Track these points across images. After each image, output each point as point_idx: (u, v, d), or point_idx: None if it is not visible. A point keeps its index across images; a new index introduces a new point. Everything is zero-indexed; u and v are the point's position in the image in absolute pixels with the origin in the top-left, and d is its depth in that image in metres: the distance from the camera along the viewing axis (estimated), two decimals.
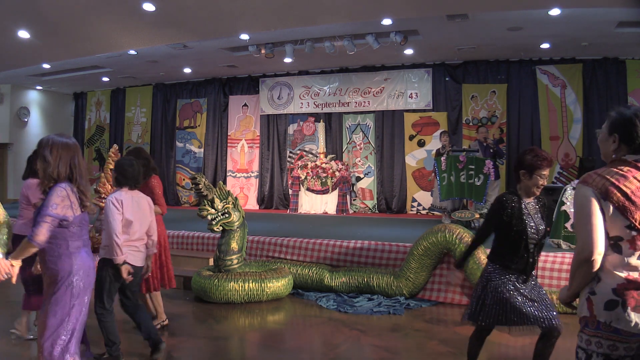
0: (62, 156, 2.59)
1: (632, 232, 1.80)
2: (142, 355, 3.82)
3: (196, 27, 8.22)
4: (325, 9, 7.45)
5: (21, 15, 7.93)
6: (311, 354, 4.12)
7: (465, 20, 7.60)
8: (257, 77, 11.93)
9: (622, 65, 9.35)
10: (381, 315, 4.91)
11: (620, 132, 1.94)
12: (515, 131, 10.01)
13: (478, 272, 4.98)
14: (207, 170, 12.30)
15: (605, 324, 1.86)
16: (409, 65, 10.65)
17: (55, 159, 2.56)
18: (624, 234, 1.82)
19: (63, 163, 2.58)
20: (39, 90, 13.45)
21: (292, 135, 11.66)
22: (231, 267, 5.42)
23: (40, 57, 9.97)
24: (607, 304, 1.84)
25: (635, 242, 1.80)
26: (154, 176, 4.46)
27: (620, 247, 1.84)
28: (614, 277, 1.84)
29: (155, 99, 13.08)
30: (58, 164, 2.57)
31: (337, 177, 10.31)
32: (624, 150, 1.93)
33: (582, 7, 6.96)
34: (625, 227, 1.81)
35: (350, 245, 5.98)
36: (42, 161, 2.59)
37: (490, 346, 4.17)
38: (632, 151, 1.91)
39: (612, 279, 1.84)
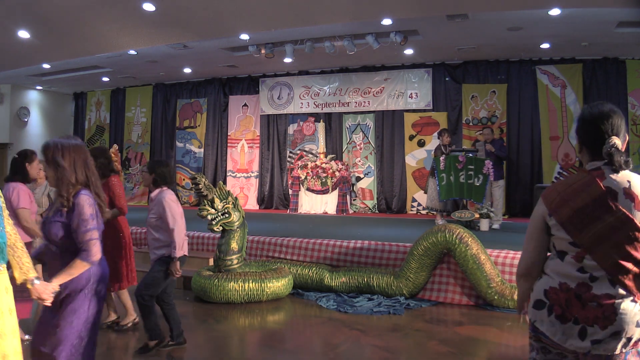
0: (75, 160, 2.37)
1: (576, 249, 1.73)
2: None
3: (196, 27, 8.22)
4: (325, 9, 7.45)
5: (21, 15, 7.93)
6: (311, 354, 4.12)
7: (465, 20, 7.60)
8: (257, 77, 11.93)
9: (622, 65, 9.35)
10: (381, 315, 4.91)
11: (580, 134, 1.82)
12: (515, 131, 10.00)
13: (478, 271, 4.99)
14: (207, 170, 12.30)
15: (533, 324, 1.83)
16: (409, 65, 10.65)
17: (71, 164, 2.35)
18: (569, 249, 1.76)
19: (79, 167, 2.38)
20: (39, 90, 13.45)
21: (292, 135, 11.65)
22: (231, 267, 5.42)
23: (40, 57, 9.97)
24: (536, 302, 1.82)
25: (579, 256, 1.72)
26: (114, 176, 4.47)
27: (564, 256, 1.78)
28: (549, 280, 1.79)
29: (155, 99, 13.08)
30: (75, 169, 2.36)
31: (337, 177, 10.31)
32: (587, 156, 1.80)
33: (582, 7, 6.96)
34: (570, 244, 1.75)
35: (350, 245, 5.98)
36: (55, 168, 2.34)
37: (490, 346, 4.17)
38: (592, 155, 1.77)
39: (547, 281, 1.80)
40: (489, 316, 4.88)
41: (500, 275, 5.09)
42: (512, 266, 5.17)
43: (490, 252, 5.29)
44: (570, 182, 1.76)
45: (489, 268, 5.03)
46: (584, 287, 1.70)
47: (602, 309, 1.66)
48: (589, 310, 1.68)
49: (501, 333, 4.42)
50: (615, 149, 1.68)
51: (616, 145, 1.68)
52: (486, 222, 7.41)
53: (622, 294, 1.66)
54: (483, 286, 5.01)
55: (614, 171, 1.70)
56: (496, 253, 5.32)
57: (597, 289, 1.68)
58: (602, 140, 1.72)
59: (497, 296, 4.96)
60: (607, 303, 1.66)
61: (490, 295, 4.99)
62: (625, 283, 1.65)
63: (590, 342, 1.67)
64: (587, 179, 1.72)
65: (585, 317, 1.68)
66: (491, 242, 5.76)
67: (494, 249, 5.39)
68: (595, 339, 1.67)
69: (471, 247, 5.06)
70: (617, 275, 1.65)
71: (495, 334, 4.40)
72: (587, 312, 1.68)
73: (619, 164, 1.67)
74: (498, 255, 5.28)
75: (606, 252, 1.66)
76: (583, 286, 1.70)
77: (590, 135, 1.75)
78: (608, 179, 1.70)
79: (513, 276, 5.15)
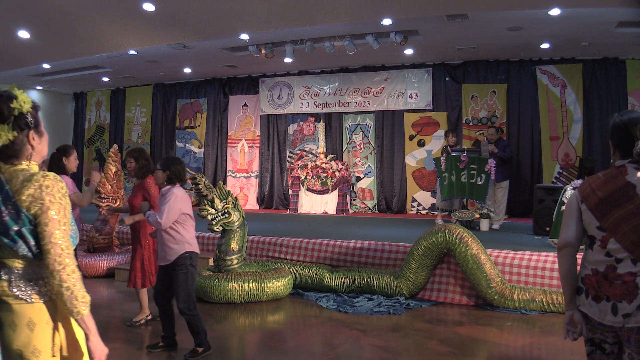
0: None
1: (602, 233, 2.01)
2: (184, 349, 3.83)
3: (196, 27, 8.22)
4: (325, 9, 7.45)
5: (21, 15, 7.93)
6: (311, 354, 4.11)
7: (465, 20, 7.60)
8: (257, 77, 11.93)
9: (622, 65, 9.35)
10: (381, 315, 4.91)
11: (612, 138, 2.09)
12: (515, 131, 10.00)
13: (478, 271, 4.99)
14: (207, 170, 12.30)
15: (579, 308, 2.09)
16: (409, 65, 10.65)
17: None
18: (596, 234, 2.03)
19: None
20: (39, 90, 13.45)
21: (292, 135, 11.66)
22: (231, 267, 5.42)
23: (40, 57, 9.97)
24: (577, 289, 2.10)
25: (604, 241, 2.00)
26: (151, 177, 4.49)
27: (593, 244, 2.05)
28: (584, 269, 2.08)
29: (155, 99, 13.08)
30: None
31: (337, 177, 10.31)
32: (617, 156, 2.06)
33: (582, 7, 6.96)
34: (597, 228, 2.02)
35: (350, 245, 5.98)
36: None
37: (490, 346, 4.17)
38: (623, 156, 2.03)
39: (583, 270, 2.09)
40: (489, 316, 4.88)
41: (500, 275, 5.09)
42: (512, 266, 5.18)
43: (490, 252, 5.29)
44: (601, 175, 2.06)
45: (489, 268, 5.03)
46: (611, 268, 1.97)
47: (626, 285, 1.92)
48: (615, 288, 1.95)
49: (501, 333, 4.42)
50: None
51: None
52: (486, 222, 7.41)
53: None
54: (483, 286, 5.01)
55: (637, 169, 1.97)
56: (496, 253, 5.32)
57: (621, 269, 1.95)
58: (632, 143, 2.00)
59: (497, 296, 4.96)
60: (629, 280, 1.92)
61: (490, 295, 4.99)
62: None
63: (622, 316, 1.92)
64: (614, 173, 2.01)
65: (614, 294, 1.95)
66: (491, 242, 5.77)
67: (494, 249, 5.39)
68: (626, 313, 1.91)
69: (471, 247, 5.06)
70: (637, 253, 1.91)
71: (495, 334, 4.40)
72: (614, 290, 1.95)
73: None
74: (498, 255, 5.28)
75: (626, 233, 1.93)
76: (610, 268, 1.97)
77: (621, 139, 2.03)
78: (631, 174, 1.97)
79: (513, 276, 5.16)
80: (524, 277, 5.10)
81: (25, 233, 1.64)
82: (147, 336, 4.37)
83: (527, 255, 5.21)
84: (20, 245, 1.63)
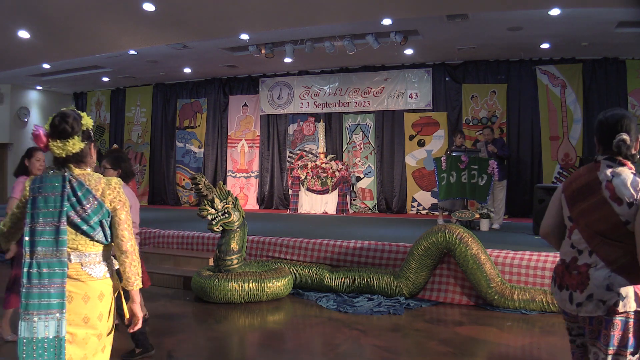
0: None
1: (571, 223, 2.13)
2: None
3: (196, 27, 8.22)
4: (325, 9, 7.45)
5: (21, 15, 7.94)
6: (311, 354, 4.11)
7: (465, 20, 7.60)
8: (257, 77, 11.93)
9: (622, 65, 9.35)
10: (381, 315, 4.91)
11: (597, 134, 2.17)
12: (515, 131, 10.00)
13: (478, 272, 4.99)
14: (207, 170, 12.30)
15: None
16: (409, 65, 10.65)
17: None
18: (567, 224, 2.17)
19: None
20: (39, 90, 13.45)
21: (292, 135, 11.66)
22: (231, 267, 5.42)
23: (40, 57, 9.98)
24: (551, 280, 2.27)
25: (570, 232, 2.13)
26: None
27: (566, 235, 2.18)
28: (559, 259, 2.22)
29: (155, 99, 13.08)
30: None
31: (337, 177, 10.31)
32: (600, 151, 2.14)
33: (582, 7, 6.96)
34: (568, 218, 2.16)
35: (350, 245, 5.98)
36: None
37: (490, 346, 4.17)
38: (604, 151, 2.10)
39: (558, 260, 2.23)
40: (489, 316, 4.88)
41: (500, 275, 5.09)
42: (512, 266, 5.18)
43: (490, 252, 5.29)
44: (583, 168, 2.17)
45: (489, 268, 5.03)
46: (573, 259, 2.08)
47: (581, 275, 2.03)
48: (573, 278, 2.06)
49: (501, 333, 4.42)
50: (622, 142, 2.01)
51: (623, 139, 2.00)
52: (486, 222, 7.41)
53: (596, 262, 1.99)
54: (483, 286, 5.01)
55: (609, 166, 2.03)
56: (496, 253, 5.32)
57: (580, 260, 2.05)
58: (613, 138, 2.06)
59: (497, 296, 4.96)
60: (583, 270, 2.02)
61: (490, 295, 4.99)
62: (598, 252, 1.99)
63: (576, 305, 2.03)
64: (591, 167, 2.10)
65: (571, 284, 2.06)
66: (491, 242, 5.77)
67: (494, 249, 5.39)
68: (578, 302, 2.02)
69: (471, 247, 5.06)
70: (592, 245, 2.00)
71: (495, 334, 4.40)
72: (572, 279, 2.06)
73: (625, 154, 2.02)
74: (498, 255, 5.28)
75: (586, 224, 2.04)
76: (573, 259, 2.09)
77: (604, 134, 2.08)
78: (601, 170, 2.04)
79: (513, 276, 5.16)
80: (524, 277, 5.10)
81: (104, 223, 2.13)
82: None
83: (527, 255, 5.21)
84: (98, 233, 2.12)
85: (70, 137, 2.10)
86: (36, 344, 1.94)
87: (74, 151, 2.11)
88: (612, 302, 1.92)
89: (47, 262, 2.01)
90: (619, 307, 1.91)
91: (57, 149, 2.10)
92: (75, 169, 2.14)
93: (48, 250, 2.01)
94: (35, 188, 2.09)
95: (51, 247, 2.02)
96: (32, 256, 2.01)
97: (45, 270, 2.00)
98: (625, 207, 1.92)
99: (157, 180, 12.99)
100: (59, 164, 2.14)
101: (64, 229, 2.03)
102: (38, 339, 1.94)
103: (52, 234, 2.02)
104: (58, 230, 2.02)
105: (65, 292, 2.01)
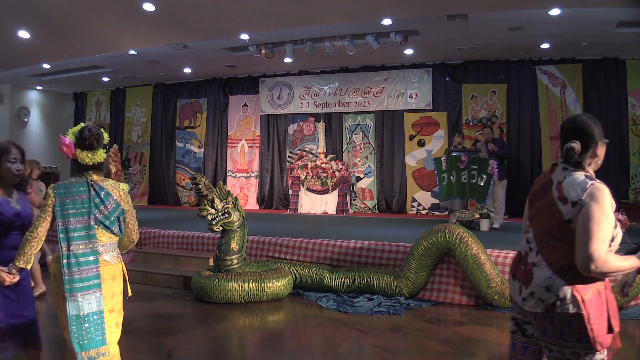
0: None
1: (528, 222, 2.23)
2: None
3: (196, 27, 8.22)
4: (325, 9, 7.45)
5: (21, 15, 7.94)
6: (311, 354, 4.11)
7: (465, 20, 7.60)
8: (257, 77, 11.93)
9: (622, 65, 9.35)
10: (381, 315, 4.91)
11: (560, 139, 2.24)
12: (515, 131, 10.00)
13: (478, 271, 4.99)
14: (207, 170, 12.30)
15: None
16: (409, 65, 10.65)
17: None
18: (526, 222, 2.27)
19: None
20: (39, 90, 13.45)
21: (292, 135, 11.66)
22: (231, 267, 5.42)
23: (40, 57, 9.97)
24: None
25: (527, 229, 2.22)
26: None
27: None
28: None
29: (155, 99, 13.08)
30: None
31: (337, 177, 10.31)
32: (560, 155, 2.20)
33: (582, 7, 6.96)
34: (527, 217, 2.26)
35: (350, 245, 5.98)
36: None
37: (490, 346, 4.17)
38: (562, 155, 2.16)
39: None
40: (489, 316, 4.88)
41: (500, 275, 5.09)
42: None
43: (490, 252, 5.29)
44: (544, 172, 2.26)
45: (489, 268, 5.03)
46: (525, 254, 2.17)
47: (526, 272, 2.12)
48: (521, 272, 2.16)
49: (501, 333, 4.42)
50: (569, 149, 2.07)
51: (571, 146, 2.07)
52: (486, 222, 7.41)
53: (540, 262, 2.08)
54: (483, 286, 5.01)
55: (564, 169, 2.10)
56: (496, 253, 5.31)
57: (529, 257, 2.14)
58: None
59: (497, 296, 4.96)
60: (529, 268, 2.12)
61: (491, 295, 4.99)
62: (542, 253, 2.08)
63: (522, 298, 2.12)
64: (551, 169, 2.19)
65: (520, 277, 2.16)
66: (491, 242, 5.76)
67: (494, 249, 5.38)
68: (523, 296, 2.11)
69: (471, 247, 5.06)
70: (539, 245, 2.09)
71: (495, 334, 4.40)
72: (520, 272, 2.17)
73: (575, 162, 2.08)
74: (498, 255, 5.28)
75: (538, 223, 2.12)
76: (525, 254, 2.18)
77: (561, 139, 2.17)
78: (555, 173, 2.13)
79: None
80: None
81: (120, 219, 2.63)
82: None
83: None
84: (115, 227, 2.61)
85: (97, 149, 2.58)
86: (83, 318, 2.44)
87: (100, 161, 2.59)
88: (550, 302, 2.01)
89: (82, 253, 2.49)
90: (557, 307, 1.99)
91: (87, 158, 2.55)
92: (94, 175, 2.60)
93: (82, 243, 2.49)
94: (62, 193, 2.51)
95: (84, 241, 2.50)
96: (68, 249, 2.47)
97: (82, 259, 2.48)
98: (570, 206, 1.99)
99: (157, 180, 12.99)
100: (80, 170, 2.60)
101: (93, 225, 2.52)
102: (84, 314, 2.45)
103: (83, 230, 2.50)
104: (89, 226, 2.52)
105: (100, 274, 2.52)
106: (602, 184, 1.99)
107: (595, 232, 1.88)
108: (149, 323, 4.69)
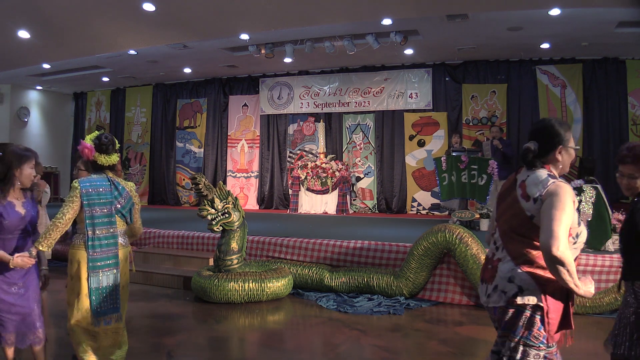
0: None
1: (495, 222, 2.29)
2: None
3: (196, 27, 8.22)
4: (325, 9, 7.45)
5: (21, 15, 7.94)
6: (311, 354, 4.11)
7: (465, 20, 7.60)
8: (257, 77, 11.93)
9: (622, 65, 9.35)
10: (381, 315, 4.91)
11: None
12: (515, 131, 10.00)
13: (478, 271, 4.99)
14: (207, 170, 12.30)
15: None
16: (409, 65, 10.65)
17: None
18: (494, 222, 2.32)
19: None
20: (39, 90, 13.45)
21: (292, 135, 11.66)
22: (231, 267, 5.42)
23: (40, 57, 9.97)
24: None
25: (494, 229, 2.28)
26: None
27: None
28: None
29: (155, 99, 13.08)
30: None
31: (337, 177, 10.31)
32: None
33: (582, 7, 6.96)
34: (495, 218, 2.30)
35: (350, 245, 5.98)
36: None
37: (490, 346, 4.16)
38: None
39: None
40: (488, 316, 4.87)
41: None
42: None
43: None
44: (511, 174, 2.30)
45: None
46: (492, 255, 2.22)
47: (492, 269, 2.17)
48: (487, 271, 2.21)
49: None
50: (526, 150, 2.16)
51: (526, 147, 2.16)
52: (486, 222, 7.40)
53: (504, 257, 2.13)
54: None
55: (529, 169, 2.15)
56: None
57: (496, 255, 2.19)
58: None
59: None
60: (495, 264, 2.16)
61: None
62: (506, 247, 2.13)
63: (487, 296, 2.17)
64: (518, 171, 2.24)
65: (486, 277, 2.21)
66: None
67: None
68: (488, 293, 2.16)
69: (471, 247, 5.06)
70: (504, 241, 2.15)
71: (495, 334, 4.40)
72: (487, 273, 2.21)
73: (525, 160, 2.16)
74: None
75: (503, 222, 2.19)
76: (492, 255, 2.23)
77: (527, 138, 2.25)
78: (520, 173, 2.20)
79: None
80: None
81: (131, 210, 3.12)
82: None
83: None
84: (128, 216, 3.09)
85: (112, 153, 3.03)
86: (102, 290, 2.95)
87: (114, 163, 3.07)
88: (511, 293, 2.05)
89: (104, 236, 2.95)
90: (517, 299, 2.03)
91: (104, 160, 3.01)
92: (110, 173, 3.07)
93: (104, 228, 2.96)
94: (87, 185, 2.92)
95: (107, 226, 2.97)
96: (93, 233, 2.91)
97: (105, 242, 2.95)
98: (531, 203, 2.04)
99: (157, 180, 12.99)
100: (99, 170, 3.04)
101: (113, 214, 2.99)
102: (102, 287, 2.95)
103: (106, 217, 2.96)
104: (110, 214, 2.98)
105: (118, 255, 3.02)
106: (564, 182, 2.03)
107: (559, 218, 1.93)
108: (149, 323, 4.69)
